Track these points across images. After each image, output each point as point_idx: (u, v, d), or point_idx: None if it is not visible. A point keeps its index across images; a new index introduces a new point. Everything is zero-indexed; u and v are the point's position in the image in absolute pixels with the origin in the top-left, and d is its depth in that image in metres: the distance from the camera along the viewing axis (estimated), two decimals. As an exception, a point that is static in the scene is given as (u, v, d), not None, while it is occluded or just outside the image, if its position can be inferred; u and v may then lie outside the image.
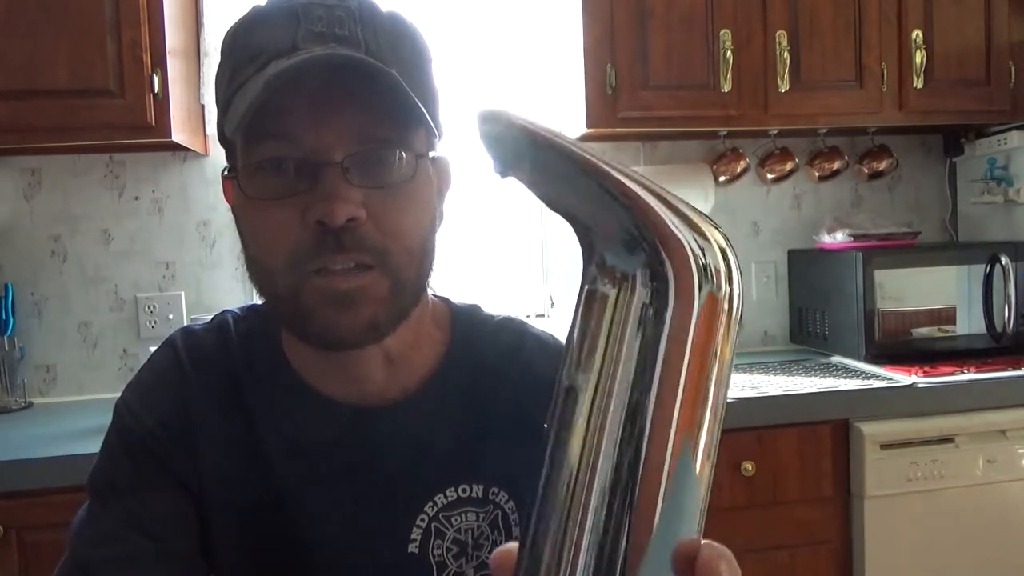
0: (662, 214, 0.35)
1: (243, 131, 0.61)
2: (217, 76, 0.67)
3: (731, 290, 0.35)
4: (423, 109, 0.60)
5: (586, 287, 0.37)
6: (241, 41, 0.64)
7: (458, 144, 0.71)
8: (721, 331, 0.35)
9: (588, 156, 0.36)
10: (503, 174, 0.40)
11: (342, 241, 0.60)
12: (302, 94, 0.59)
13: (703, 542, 0.32)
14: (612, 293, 0.35)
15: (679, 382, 0.34)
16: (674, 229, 0.35)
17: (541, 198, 0.41)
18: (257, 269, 0.64)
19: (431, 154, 0.67)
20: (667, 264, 0.34)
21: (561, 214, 0.41)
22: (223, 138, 0.67)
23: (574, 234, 0.41)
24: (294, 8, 0.62)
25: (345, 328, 0.61)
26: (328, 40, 0.61)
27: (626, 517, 0.33)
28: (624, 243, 0.35)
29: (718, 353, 0.35)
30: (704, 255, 0.34)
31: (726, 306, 0.35)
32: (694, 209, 0.36)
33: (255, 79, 0.60)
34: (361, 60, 0.59)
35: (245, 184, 0.62)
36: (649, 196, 0.35)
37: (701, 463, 0.34)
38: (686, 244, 0.34)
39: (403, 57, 0.64)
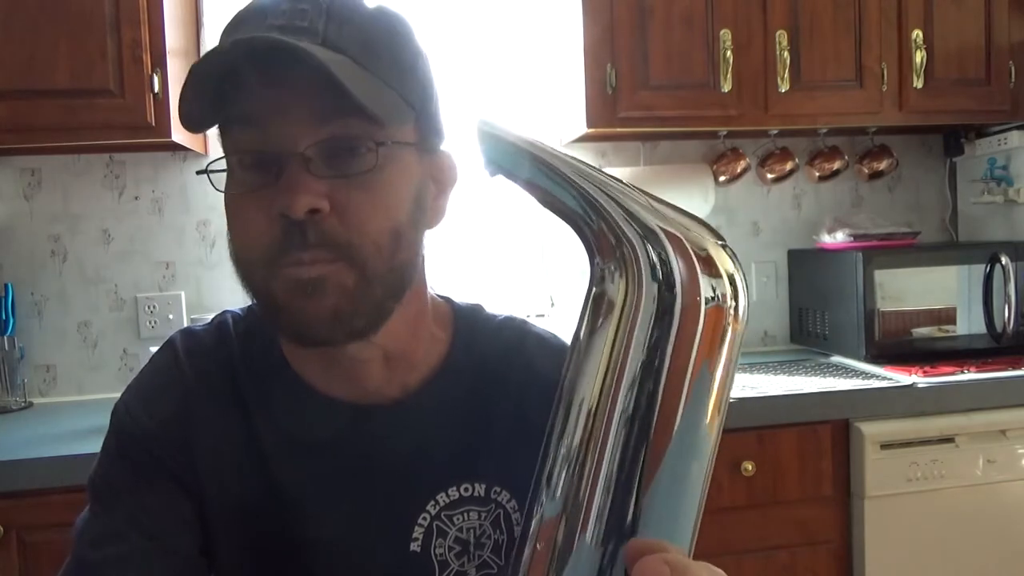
0: (668, 244, 0.42)
1: (211, 121, 0.61)
2: None
3: (736, 304, 0.41)
4: (363, 100, 0.57)
5: (594, 288, 0.42)
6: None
7: (457, 144, 0.71)
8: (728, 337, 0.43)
9: (588, 184, 0.41)
10: (492, 174, 0.44)
11: (306, 235, 0.59)
12: (254, 78, 0.58)
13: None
14: (619, 292, 0.40)
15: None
16: (680, 262, 0.42)
17: (538, 201, 0.44)
18: (238, 264, 0.64)
19: (431, 148, 0.67)
20: (677, 287, 0.41)
21: (563, 220, 0.44)
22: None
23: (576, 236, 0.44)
24: (264, 6, 0.61)
25: (311, 317, 0.60)
26: (283, 31, 0.59)
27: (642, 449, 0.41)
28: (626, 256, 0.43)
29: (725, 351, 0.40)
30: (714, 288, 0.40)
31: (730, 317, 0.41)
32: (705, 229, 0.44)
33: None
34: (284, 43, 0.56)
35: (227, 179, 0.63)
36: (657, 222, 0.41)
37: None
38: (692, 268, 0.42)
39: (377, 51, 0.61)
